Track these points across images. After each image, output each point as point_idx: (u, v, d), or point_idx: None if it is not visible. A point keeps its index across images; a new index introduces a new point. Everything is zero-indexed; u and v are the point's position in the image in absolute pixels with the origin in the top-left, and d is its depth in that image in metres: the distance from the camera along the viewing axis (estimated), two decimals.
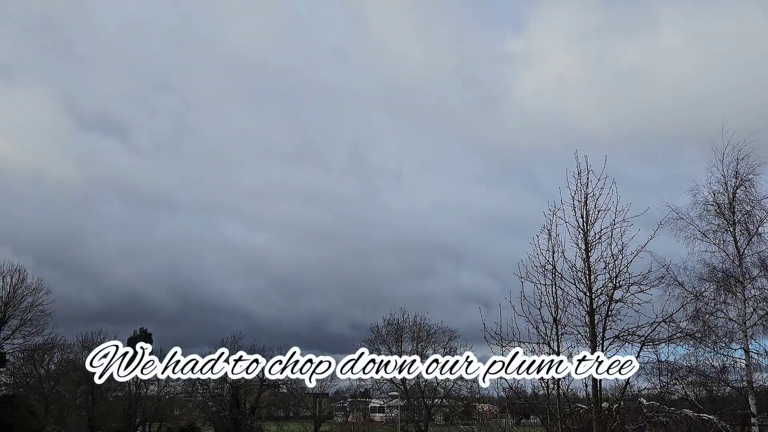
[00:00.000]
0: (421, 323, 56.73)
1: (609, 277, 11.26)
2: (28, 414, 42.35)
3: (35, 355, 51.28)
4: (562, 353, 11.43)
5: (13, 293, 45.03)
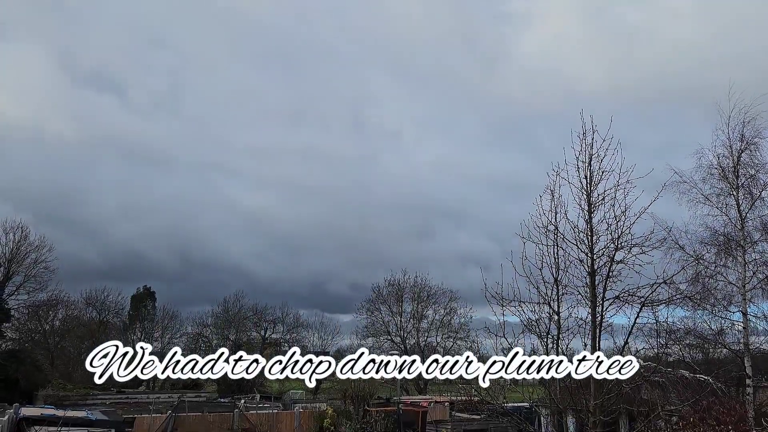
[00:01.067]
0: (421, 284, 57.23)
1: (611, 239, 11.24)
2: (34, 368, 43.05)
3: (40, 311, 51.93)
4: (561, 313, 11.50)
5: (17, 250, 45.30)
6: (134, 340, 61.43)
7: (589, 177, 11.62)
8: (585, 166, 11.70)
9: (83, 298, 59.22)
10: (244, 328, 60.99)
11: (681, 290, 12.62)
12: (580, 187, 11.70)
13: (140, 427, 19.34)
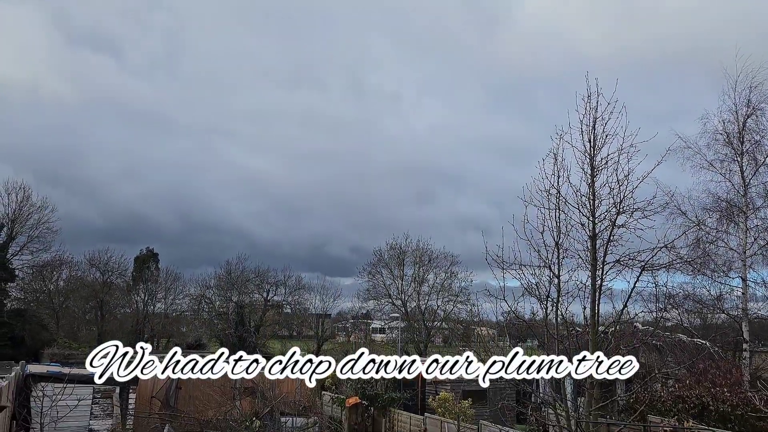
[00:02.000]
0: (423, 248, 57.44)
1: (613, 203, 11.22)
2: (40, 327, 43.66)
3: (44, 271, 52.32)
4: (561, 276, 11.56)
5: (19, 210, 45.43)
6: (138, 302, 62.07)
7: (593, 140, 11.55)
8: (589, 129, 11.62)
9: (87, 259, 59.59)
10: (246, 290, 61.48)
11: (681, 255, 12.64)
12: (584, 150, 11.64)
13: (144, 385, 19.65)
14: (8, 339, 39.97)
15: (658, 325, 12.79)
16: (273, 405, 18.90)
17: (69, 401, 14.98)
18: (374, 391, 18.26)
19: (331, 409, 19.80)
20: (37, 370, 16.88)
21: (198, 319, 64.38)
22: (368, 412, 18.13)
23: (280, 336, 67.00)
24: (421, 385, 20.70)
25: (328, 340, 62.27)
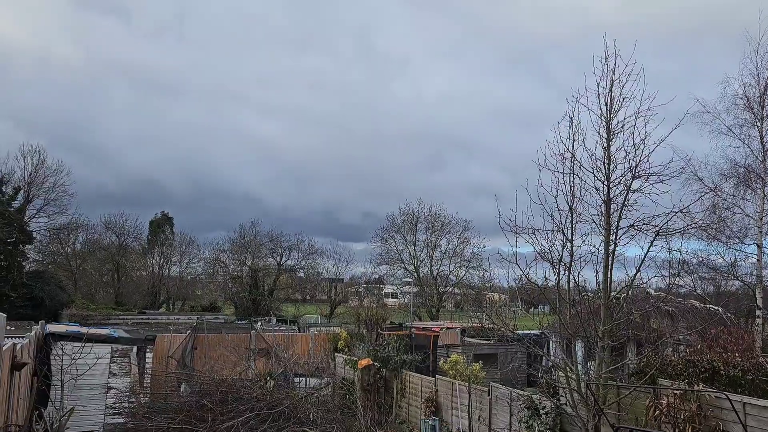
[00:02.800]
0: (435, 213, 57.47)
1: (628, 167, 11.09)
2: (58, 289, 44.43)
3: (61, 234, 53.04)
4: (575, 241, 11.52)
5: (35, 174, 45.83)
6: (153, 265, 62.90)
7: (610, 104, 11.36)
8: (605, 92, 11.41)
9: (102, 223, 60.35)
10: (260, 255, 62.05)
11: (697, 221, 12.52)
12: (600, 114, 11.47)
13: (161, 345, 20.06)
14: (28, 300, 40.76)
15: (671, 290, 12.74)
16: (287, 365, 19.24)
17: (88, 359, 15.33)
18: (386, 353, 18.48)
19: (344, 371, 20.11)
20: (56, 329, 17.24)
21: (212, 282, 65.23)
22: (380, 374, 18.39)
23: (293, 300, 67.79)
24: (433, 348, 20.94)
25: (341, 304, 62.89)
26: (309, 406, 14.66)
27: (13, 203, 43.43)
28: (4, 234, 40.13)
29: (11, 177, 44.66)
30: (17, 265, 42.01)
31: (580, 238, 11.63)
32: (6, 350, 9.68)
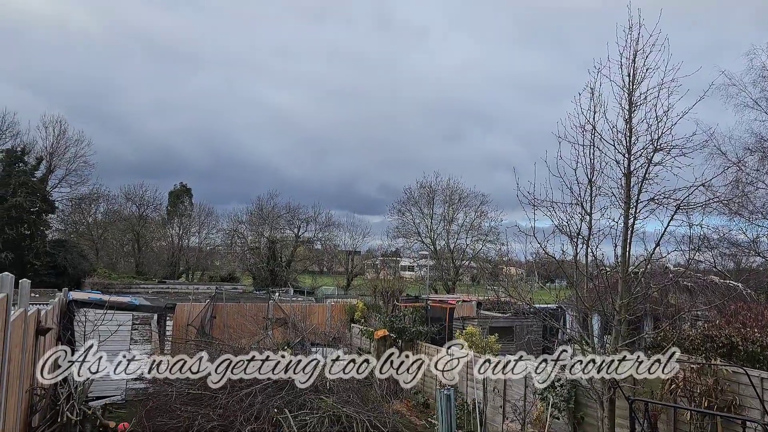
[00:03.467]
0: (453, 186, 57.28)
1: (650, 140, 10.92)
2: (81, 257, 45.20)
3: (82, 204, 53.76)
4: (593, 214, 11.44)
5: (57, 144, 46.36)
6: (173, 235, 63.62)
7: (632, 75, 11.14)
8: (629, 62, 11.18)
9: (123, 193, 61.04)
10: (278, 226, 62.47)
11: (719, 195, 12.34)
12: (622, 85, 11.25)
13: (180, 313, 20.39)
14: (51, 268, 41.56)
15: (690, 265, 12.63)
16: (304, 335, 19.49)
17: (110, 326, 15.64)
18: (402, 324, 18.62)
19: (360, 341, 20.33)
20: (79, 296, 17.59)
21: (231, 253, 65.90)
22: (396, 344, 18.56)
23: (310, 271, 68.34)
24: (449, 320, 21.04)
25: (358, 276, 63.28)
26: (325, 375, 14.85)
27: (36, 173, 44.03)
28: (27, 203, 40.78)
29: (33, 147, 45.25)
30: (40, 234, 42.76)
31: (599, 212, 11.53)
32: (31, 315, 9.91)
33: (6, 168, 41.90)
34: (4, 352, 7.09)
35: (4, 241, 39.79)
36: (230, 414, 12.66)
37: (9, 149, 43.29)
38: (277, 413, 12.49)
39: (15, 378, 8.34)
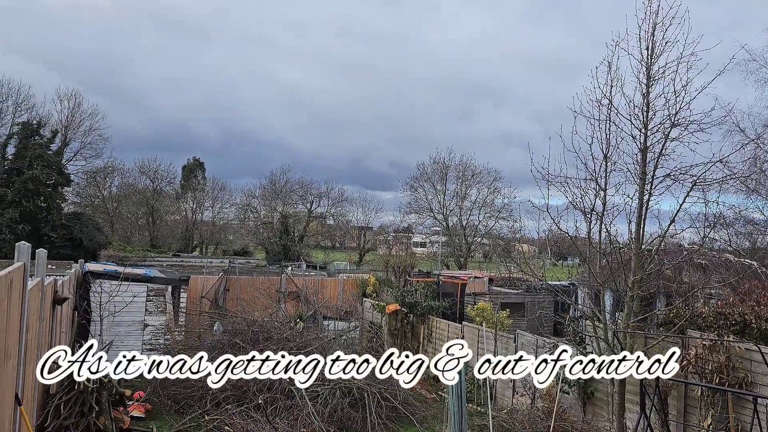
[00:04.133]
0: (466, 162, 57.00)
1: (668, 115, 10.78)
2: (96, 230, 45.66)
3: (97, 177, 54.18)
4: (608, 191, 11.35)
5: (71, 117, 46.58)
6: (187, 210, 64.04)
7: (651, 48, 10.96)
8: (647, 36, 11.00)
9: (137, 167, 61.37)
10: (290, 201, 62.66)
11: (736, 171, 12.17)
12: (640, 59, 11.09)
13: (194, 285, 20.58)
14: (67, 240, 42.06)
15: (704, 243, 12.54)
16: (316, 309, 19.64)
17: (125, 297, 15.86)
18: (413, 299, 18.71)
19: (372, 315, 20.46)
20: (95, 268, 17.81)
21: (244, 227, 66.28)
22: (407, 319, 18.67)
23: (323, 246, 68.62)
24: (461, 296, 21.11)
25: (370, 251, 63.47)
26: (337, 348, 15.00)
27: (51, 146, 44.35)
28: (43, 176, 41.15)
29: (49, 120, 45.51)
30: (56, 206, 43.21)
31: (614, 188, 11.46)
32: (48, 285, 10.05)
33: (22, 141, 42.23)
34: (22, 321, 7.20)
35: (21, 213, 40.26)
36: (243, 384, 12.85)
37: (25, 122, 43.60)
38: (288, 384, 12.66)
39: (33, 346, 8.49)
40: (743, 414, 9.25)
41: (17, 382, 7.10)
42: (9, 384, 6.59)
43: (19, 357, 7.10)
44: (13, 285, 6.41)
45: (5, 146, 43.21)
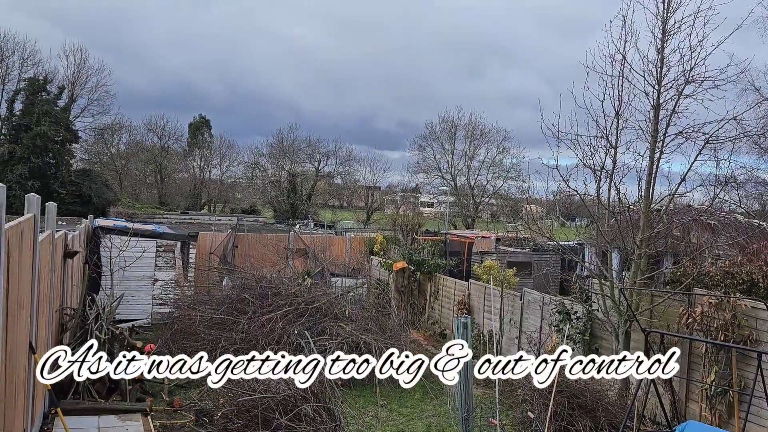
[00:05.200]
0: (475, 122, 56.50)
1: (682, 70, 10.58)
2: (105, 187, 45.88)
3: (105, 134, 54.13)
4: (619, 148, 11.24)
5: (78, 73, 46.29)
6: (194, 168, 64.09)
7: (667, 1, 10.69)
8: None
9: (144, 124, 61.22)
10: (298, 160, 62.52)
11: (749, 130, 11.99)
12: (656, 12, 10.82)
13: (203, 242, 20.74)
14: (76, 197, 42.31)
15: (714, 202, 12.46)
16: (324, 266, 19.79)
17: (135, 252, 16.01)
18: (421, 257, 18.79)
19: (379, 272, 20.60)
20: (105, 223, 17.95)
21: (252, 186, 66.35)
22: (414, 277, 18.80)
23: (330, 206, 68.75)
24: (468, 254, 21.22)
25: (377, 211, 63.55)
26: (345, 304, 15.15)
27: (59, 102, 44.21)
28: (51, 132, 41.15)
29: (55, 76, 45.26)
30: (65, 163, 43.35)
31: (625, 146, 11.35)
32: (58, 238, 10.15)
33: (29, 97, 42.10)
34: (34, 272, 7.29)
35: (30, 169, 40.43)
36: (252, 338, 13.04)
37: (32, 77, 43.39)
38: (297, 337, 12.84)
39: (45, 297, 8.62)
40: (746, 371, 9.33)
41: (31, 331, 7.23)
42: (23, 333, 6.71)
43: (32, 307, 7.21)
44: (24, 236, 6.46)
45: (13, 102, 43.11)
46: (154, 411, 9.85)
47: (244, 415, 7.59)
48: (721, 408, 9.57)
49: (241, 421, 7.58)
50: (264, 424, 7.34)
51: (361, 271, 20.72)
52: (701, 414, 9.85)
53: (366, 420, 10.30)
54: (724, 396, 9.52)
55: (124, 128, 57.64)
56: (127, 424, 9.03)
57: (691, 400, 10.36)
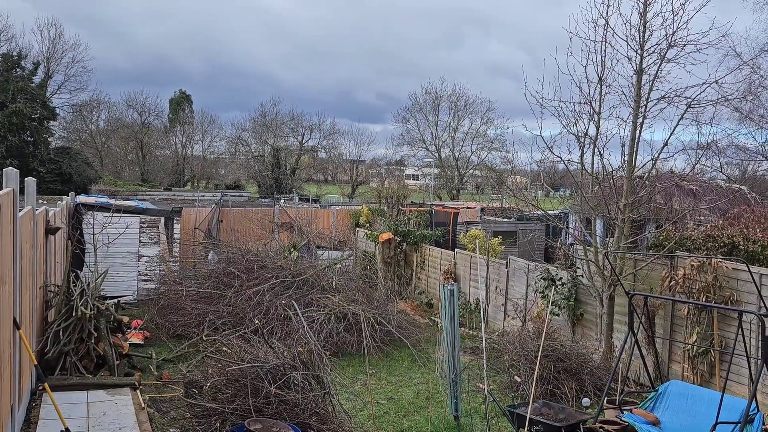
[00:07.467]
0: (459, 93, 56.26)
1: (665, 35, 10.58)
2: (85, 165, 45.24)
3: (83, 111, 53.21)
4: (602, 114, 11.27)
5: (53, 48, 45.27)
6: (176, 144, 63.33)
7: None
8: None
9: (123, 100, 60.24)
10: (281, 134, 61.96)
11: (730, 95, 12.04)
12: None
13: (187, 217, 20.57)
14: (56, 175, 41.73)
15: (695, 167, 12.56)
16: (309, 239, 19.75)
17: (118, 228, 15.87)
18: (407, 228, 18.81)
19: (365, 244, 20.61)
20: (86, 200, 17.72)
21: (235, 161, 65.77)
22: (400, 248, 18.84)
23: (315, 180, 68.41)
24: (453, 224, 21.28)
25: (362, 184, 63.38)
26: (332, 276, 15.18)
27: (34, 78, 43.29)
28: (27, 109, 40.37)
29: (30, 52, 44.23)
30: (44, 141, 42.62)
31: (608, 111, 11.37)
32: (39, 214, 10.01)
33: (3, 73, 41.17)
34: (15, 247, 7.20)
35: (7, 147, 39.72)
36: (239, 311, 13.05)
37: (5, 53, 42.37)
38: (284, 308, 12.87)
39: (28, 274, 8.53)
40: (727, 331, 9.52)
41: (14, 306, 7.16)
42: (6, 308, 6.64)
43: (14, 283, 7.13)
44: (3, 210, 6.36)
45: None
46: (143, 385, 9.87)
47: (233, 385, 7.62)
48: (703, 368, 9.77)
49: (230, 390, 7.61)
50: (254, 393, 7.37)
51: (348, 243, 20.73)
52: (683, 374, 10.05)
53: (355, 388, 10.39)
54: (706, 356, 9.72)
55: (102, 105, 56.74)
56: (116, 398, 9.03)
57: (674, 361, 10.56)
